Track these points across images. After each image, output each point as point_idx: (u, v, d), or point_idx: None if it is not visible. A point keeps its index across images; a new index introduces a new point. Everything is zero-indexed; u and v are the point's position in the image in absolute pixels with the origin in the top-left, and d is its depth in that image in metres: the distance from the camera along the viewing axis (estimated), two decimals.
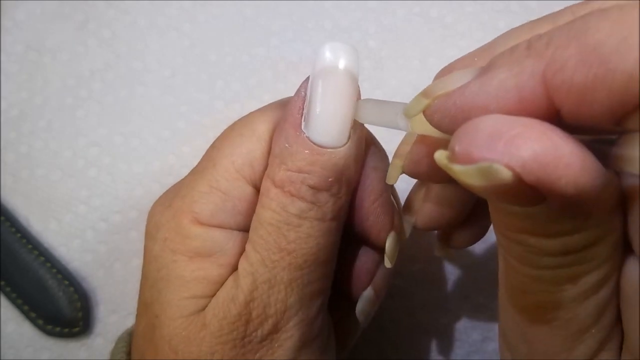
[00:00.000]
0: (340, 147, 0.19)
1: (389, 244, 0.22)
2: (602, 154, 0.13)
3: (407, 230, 0.23)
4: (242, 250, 0.20)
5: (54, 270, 0.32)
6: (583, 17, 0.12)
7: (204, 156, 0.22)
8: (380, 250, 0.22)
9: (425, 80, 0.34)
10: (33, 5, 0.37)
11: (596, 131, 0.13)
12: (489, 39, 0.34)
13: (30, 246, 0.32)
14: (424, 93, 0.16)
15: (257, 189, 0.20)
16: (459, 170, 0.13)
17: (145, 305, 0.21)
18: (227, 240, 0.20)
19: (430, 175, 0.20)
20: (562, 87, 0.12)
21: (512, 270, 0.16)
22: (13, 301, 0.31)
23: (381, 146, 0.22)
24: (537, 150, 0.12)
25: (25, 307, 0.31)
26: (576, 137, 0.12)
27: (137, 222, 0.33)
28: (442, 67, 0.20)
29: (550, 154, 0.12)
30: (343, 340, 0.24)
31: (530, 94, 0.13)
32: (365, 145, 0.21)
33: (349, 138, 0.19)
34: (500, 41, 0.17)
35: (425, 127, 0.16)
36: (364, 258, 0.23)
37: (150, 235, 0.21)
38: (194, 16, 0.36)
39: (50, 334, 0.31)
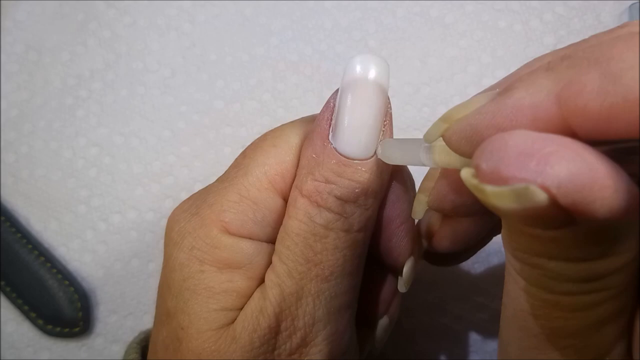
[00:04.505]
0: (367, 158, 0.19)
1: (407, 268, 0.22)
2: (628, 163, 0.12)
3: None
4: (269, 263, 0.20)
5: (54, 270, 0.32)
6: (608, 43, 0.12)
7: (232, 164, 0.21)
8: (395, 272, 0.23)
9: (425, 80, 0.34)
10: (33, 5, 0.37)
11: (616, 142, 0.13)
12: (489, 38, 0.34)
13: (30, 246, 0.32)
14: (443, 118, 0.15)
15: (286, 202, 0.20)
16: (491, 192, 0.12)
17: (168, 315, 0.20)
18: (256, 252, 0.20)
19: (456, 210, 0.20)
20: (577, 112, 0.12)
21: (525, 293, 0.15)
22: (13, 301, 0.31)
23: (408, 169, 0.22)
24: (573, 171, 0.11)
25: (25, 307, 0.31)
26: (600, 148, 0.12)
27: (137, 222, 0.33)
28: (442, 67, 0.20)
29: (586, 175, 0.11)
30: None
31: (545, 114, 0.13)
32: (394, 166, 0.21)
33: (376, 150, 0.19)
34: (523, 68, 0.17)
35: (447, 160, 0.16)
36: (383, 286, 0.23)
37: (173, 242, 0.20)
38: (194, 16, 0.36)
39: (50, 334, 0.31)
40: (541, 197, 0.11)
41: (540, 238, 0.13)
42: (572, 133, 0.12)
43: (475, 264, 0.32)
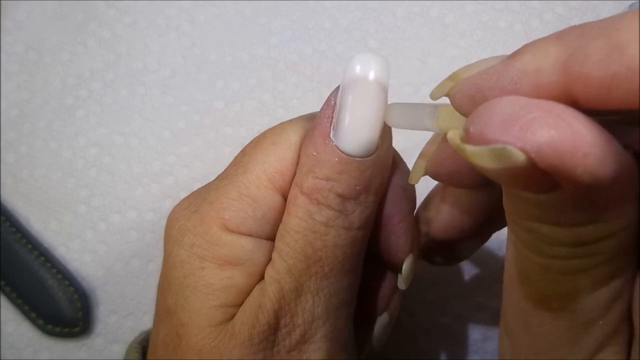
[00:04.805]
0: (368, 156, 0.19)
1: (406, 266, 0.22)
2: (623, 135, 0.13)
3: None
4: (269, 260, 0.20)
5: (54, 270, 0.32)
6: (618, 16, 0.12)
7: (232, 162, 0.21)
8: (395, 270, 0.23)
9: (425, 80, 0.34)
10: (33, 5, 0.37)
11: (617, 113, 0.13)
12: (489, 38, 0.35)
13: (30, 246, 0.32)
14: (450, 77, 0.16)
15: (285, 199, 0.20)
16: (470, 151, 0.12)
17: (168, 312, 0.20)
18: (256, 249, 0.20)
19: (452, 177, 0.20)
20: (580, 79, 0.12)
21: (521, 257, 0.16)
22: (13, 301, 0.31)
23: (407, 167, 0.22)
24: (554, 137, 0.11)
25: (25, 307, 0.31)
26: (596, 118, 0.12)
27: (137, 222, 0.33)
28: (442, 66, 0.20)
29: (567, 141, 0.11)
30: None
31: (549, 79, 0.13)
32: (393, 164, 0.21)
33: (377, 148, 0.19)
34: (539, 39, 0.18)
35: (449, 125, 0.16)
36: (382, 284, 0.23)
37: (174, 240, 0.20)
38: (194, 16, 0.36)
39: (50, 334, 0.31)
40: (520, 157, 0.12)
41: (532, 202, 0.14)
42: (573, 101, 0.13)
43: (476, 263, 0.32)
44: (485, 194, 0.21)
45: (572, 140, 0.11)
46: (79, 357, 0.32)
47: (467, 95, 0.15)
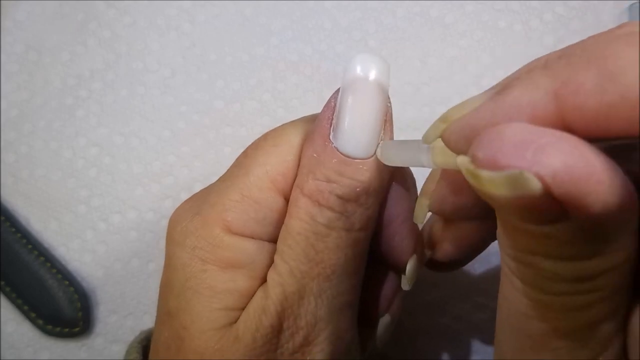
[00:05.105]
0: (368, 157, 0.19)
1: (410, 266, 0.22)
2: (622, 161, 0.12)
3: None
4: (271, 263, 0.20)
5: (54, 270, 0.32)
6: (606, 42, 0.12)
7: (233, 164, 0.21)
8: (398, 271, 0.23)
9: (425, 80, 0.34)
10: (33, 5, 0.37)
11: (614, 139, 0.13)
12: (489, 38, 0.35)
13: (30, 246, 0.32)
14: (441, 118, 0.15)
15: (287, 201, 0.20)
16: (486, 177, 0.12)
17: (169, 315, 0.20)
18: (258, 252, 0.20)
19: (457, 212, 0.20)
20: (574, 109, 0.12)
21: (519, 294, 0.15)
22: (13, 301, 0.31)
23: (409, 169, 0.22)
24: (569, 162, 0.11)
25: (25, 307, 0.31)
26: (597, 145, 0.12)
27: (137, 222, 0.33)
28: (442, 67, 0.20)
29: (582, 167, 0.11)
30: None
31: (543, 112, 0.13)
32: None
33: (376, 151, 0.19)
34: (522, 69, 0.17)
35: (446, 160, 0.16)
36: (384, 284, 0.23)
37: (175, 242, 0.20)
38: (194, 16, 0.36)
39: (50, 334, 0.31)
40: (535, 185, 0.11)
41: (534, 234, 0.13)
42: (569, 131, 0.12)
43: (476, 264, 0.32)
44: (489, 222, 0.21)
45: (585, 165, 0.11)
46: (79, 357, 0.32)
47: (463, 137, 0.14)
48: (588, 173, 0.11)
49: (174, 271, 0.20)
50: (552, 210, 0.12)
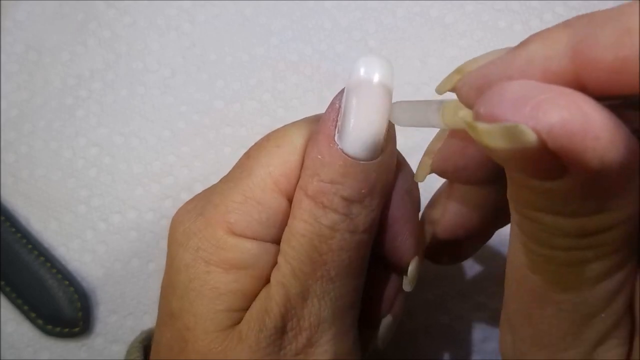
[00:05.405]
0: (373, 159, 0.19)
1: (412, 268, 0.22)
2: (632, 121, 0.12)
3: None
4: (275, 264, 0.20)
5: (54, 270, 0.32)
6: (627, 4, 0.12)
7: (236, 165, 0.21)
8: (400, 272, 0.22)
9: (425, 80, 0.34)
10: (33, 5, 0.37)
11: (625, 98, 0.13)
12: (489, 38, 0.35)
13: (30, 246, 0.32)
14: (457, 70, 0.16)
15: (290, 202, 0.20)
16: (482, 129, 0.12)
17: (172, 316, 0.20)
18: (262, 253, 0.20)
19: (459, 173, 0.20)
20: (589, 64, 0.12)
21: (524, 248, 0.16)
22: (13, 301, 0.31)
23: (412, 170, 0.22)
24: (566, 117, 0.11)
25: (25, 307, 0.31)
26: (606, 103, 0.12)
27: (137, 222, 0.33)
28: (442, 66, 0.20)
29: (578, 123, 0.11)
30: None
31: (557, 67, 0.13)
32: (397, 166, 0.21)
33: (381, 151, 0.19)
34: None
35: (455, 120, 0.16)
36: (386, 285, 0.23)
37: (178, 243, 0.20)
38: (194, 16, 0.36)
39: (50, 334, 0.31)
40: (531, 137, 0.11)
41: (537, 190, 0.14)
42: (582, 88, 0.13)
43: (476, 263, 0.32)
44: (491, 190, 0.21)
45: (583, 122, 0.11)
46: (79, 357, 0.32)
47: (474, 87, 0.15)
48: (585, 128, 0.11)
49: (176, 272, 0.20)
50: (551, 165, 0.12)
